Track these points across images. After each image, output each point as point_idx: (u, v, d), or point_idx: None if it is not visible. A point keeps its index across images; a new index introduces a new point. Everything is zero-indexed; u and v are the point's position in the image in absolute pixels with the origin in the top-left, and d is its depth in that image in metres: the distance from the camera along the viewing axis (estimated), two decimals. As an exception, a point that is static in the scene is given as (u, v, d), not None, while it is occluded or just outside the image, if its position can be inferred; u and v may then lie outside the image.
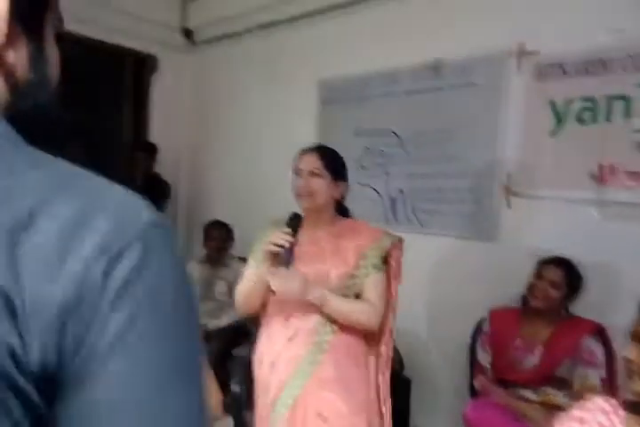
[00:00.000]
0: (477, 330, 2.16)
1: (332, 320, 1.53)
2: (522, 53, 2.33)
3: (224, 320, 3.00)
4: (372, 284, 1.58)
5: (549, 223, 2.24)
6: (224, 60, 3.84)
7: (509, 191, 2.36)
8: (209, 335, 2.95)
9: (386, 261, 1.62)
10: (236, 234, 3.19)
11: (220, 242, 3.10)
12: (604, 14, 2.12)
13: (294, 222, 1.53)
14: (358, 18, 2.95)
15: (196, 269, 3.18)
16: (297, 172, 1.62)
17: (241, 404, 2.33)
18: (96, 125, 4.27)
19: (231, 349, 2.81)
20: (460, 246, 2.51)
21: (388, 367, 1.68)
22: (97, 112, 4.26)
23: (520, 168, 2.33)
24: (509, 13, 2.36)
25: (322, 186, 1.58)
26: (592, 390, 1.65)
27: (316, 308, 1.51)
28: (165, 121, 4.00)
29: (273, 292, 1.48)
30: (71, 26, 3.11)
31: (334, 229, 1.64)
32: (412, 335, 2.56)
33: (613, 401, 1.18)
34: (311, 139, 3.11)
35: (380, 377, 1.67)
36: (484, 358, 2.05)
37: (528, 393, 1.90)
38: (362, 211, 2.87)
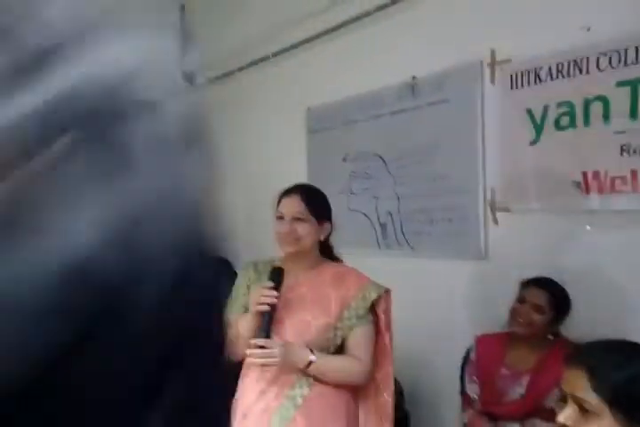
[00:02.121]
0: (466, 358, 2.00)
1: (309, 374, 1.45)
2: (493, 63, 2.24)
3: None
4: (359, 337, 1.49)
5: (537, 237, 2.08)
6: (219, 97, 3.92)
7: (494, 207, 2.23)
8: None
9: (372, 311, 1.53)
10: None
11: None
12: (573, 14, 2.01)
13: (277, 278, 1.46)
14: (339, 44, 2.95)
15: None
16: (279, 216, 1.55)
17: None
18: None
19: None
20: (451, 268, 2.37)
21: (391, 417, 1.55)
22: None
23: (503, 182, 2.20)
24: (478, 22, 2.29)
25: (307, 231, 1.52)
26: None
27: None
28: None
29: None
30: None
31: (317, 274, 1.56)
32: (407, 364, 2.41)
33: None
34: (302, 168, 3.09)
35: (386, 425, 1.54)
36: (472, 388, 1.89)
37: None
38: (353, 237, 2.83)
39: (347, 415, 1.49)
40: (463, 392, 1.94)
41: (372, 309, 1.53)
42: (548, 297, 1.78)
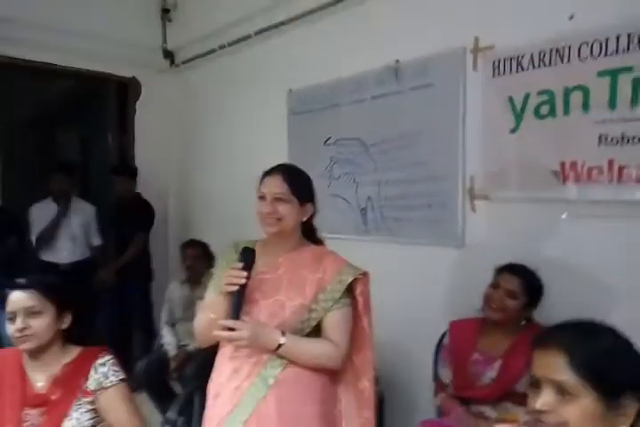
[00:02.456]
0: (439, 343, 2.03)
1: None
2: (477, 49, 2.22)
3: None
4: (335, 320, 1.48)
5: (515, 225, 2.10)
6: (202, 78, 3.86)
7: (473, 194, 2.23)
8: (189, 356, 2.90)
9: (351, 294, 1.52)
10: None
11: (193, 261, 3.06)
12: (557, 2, 2.00)
13: (247, 259, 1.44)
14: (322, 25, 2.89)
15: (176, 290, 3.14)
16: (261, 196, 1.52)
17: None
18: (87, 151, 4.34)
19: (209, 369, 2.74)
20: (429, 254, 2.39)
21: (371, 404, 1.54)
22: (87, 138, 4.34)
23: (483, 169, 2.21)
24: (463, 8, 2.26)
25: (289, 211, 1.49)
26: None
27: None
28: (150, 144, 4.04)
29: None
30: (54, 57, 3.16)
31: (296, 256, 1.54)
32: (384, 348, 2.43)
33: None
34: (282, 151, 3.07)
35: (366, 413, 1.53)
36: (445, 373, 1.92)
37: (487, 410, 1.76)
38: (333, 222, 2.82)
39: (321, 399, 1.48)
40: (435, 376, 1.97)
41: (352, 292, 1.52)
42: (521, 283, 1.81)
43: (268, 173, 1.56)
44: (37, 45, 3.38)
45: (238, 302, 1.38)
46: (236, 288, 1.38)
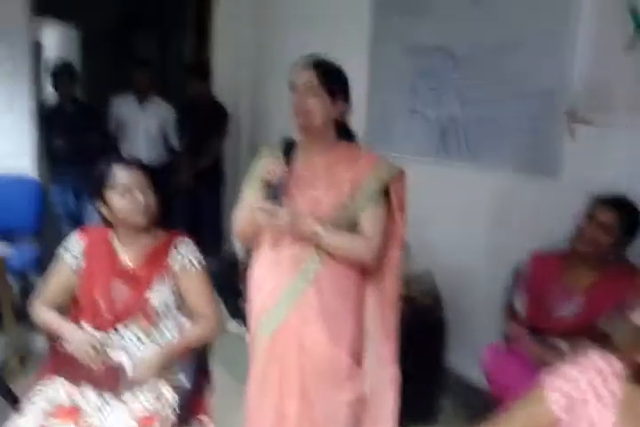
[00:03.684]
0: (516, 272, 1.95)
1: (322, 249, 1.45)
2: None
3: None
4: (370, 218, 1.47)
5: (619, 155, 1.88)
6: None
7: (574, 118, 2.00)
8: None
9: (386, 192, 1.49)
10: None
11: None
12: None
13: (288, 149, 1.46)
14: None
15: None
16: (292, 87, 1.49)
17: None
18: (165, 48, 4.28)
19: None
20: (517, 182, 2.22)
21: (393, 305, 1.56)
22: (165, 35, 4.25)
23: (589, 89, 1.96)
24: None
25: (318, 105, 1.45)
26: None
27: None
28: (227, 44, 3.90)
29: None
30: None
31: (331, 154, 1.52)
32: (457, 277, 2.39)
33: (615, 361, 1.01)
34: (362, 60, 2.85)
35: (387, 313, 1.56)
36: (520, 302, 1.86)
37: (562, 344, 1.69)
38: (409, 141, 2.67)
39: (354, 297, 1.51)
40: (508, 305, 1.92)
41: (386, 191, 1.49)
42: (619, 217, 1.67)
43: (300, 65, 1.50)
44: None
45: (278, 192, 1.40)
46: (275, 179, 1.40)
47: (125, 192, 1.52)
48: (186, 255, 1.61)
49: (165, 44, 4.26)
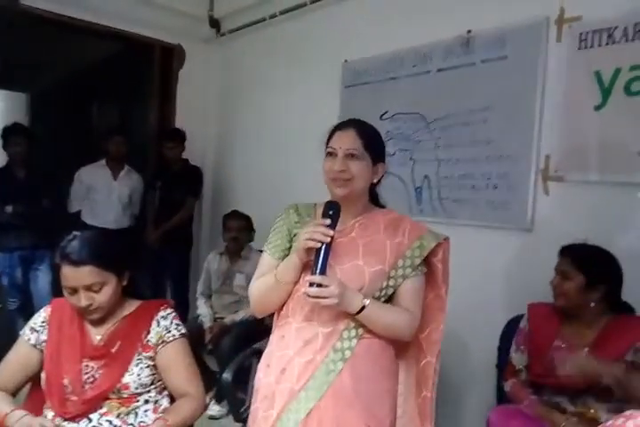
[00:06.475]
0: (510, 328, 1.91)
1: (359, 324, 1.33)
2: (561, 20, 2.07)
3: (241, 314, 2.86)
4: (411, 289, 1.37)
5: (591, 210, 1.97)
6: (249, 48, 3.74)
7: (547, 175, 2.10)
8: (225, 329, 2.82)
9: (426, 261, 1.40)
10: (261, 225, 3.04)
11: (237, 233, 2.96)
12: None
13: (334, 214, 1.30)
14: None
15: (214, 261, 3.06)
16: (331, 152, 1.38)
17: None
18: (126, 117, 4.26)
19: (246, 343, 2.66)
20: (491, 238, 2.26)
21: (430, 382, 1.40)
22: (126, 104, 4.25)
23: (560, 149, 2.07)
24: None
25: (362, 170, 1.36)
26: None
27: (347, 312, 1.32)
28: (192, 111, 3.94)
29: (308, 296, 1.26)
30: (101, 19, 3.10)
31: (368, 220, 1.42)
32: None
33: None
34: (332, 122, 2.92)
35: (425, 391, 1.40)
36: (518, 358, 1.81)
37: (564, 401, 1.64)
38: (385, 200, 2.69)
39: (390, 374, 1.39)
40: (505, 362, 1.86)
41: (427, 259, 1.40)
42: (572, 261, 1.67)
43: (339, 127, 1.42)
44: (84, 4, 3.30)
45: (324, 258, 1.26)
46: (322, 245, 1.25)
47: (73, 292, 1.42)
48: (166, 327, 1.49)
49: (127, 110, 4.24)
